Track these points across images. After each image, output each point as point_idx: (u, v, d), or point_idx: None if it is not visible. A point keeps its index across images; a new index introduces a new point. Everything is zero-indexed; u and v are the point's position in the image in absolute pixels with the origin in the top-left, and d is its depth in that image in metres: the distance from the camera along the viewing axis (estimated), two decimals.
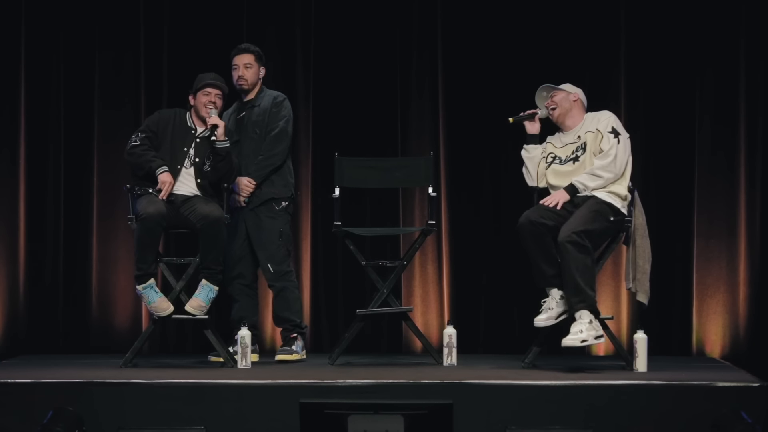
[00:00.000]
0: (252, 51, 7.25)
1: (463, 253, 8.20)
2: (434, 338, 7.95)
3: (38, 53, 8.13)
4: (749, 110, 8.06)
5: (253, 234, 7.21)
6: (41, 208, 8.13)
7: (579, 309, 6.49)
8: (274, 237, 7.18)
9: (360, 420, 5.34)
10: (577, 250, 6.47)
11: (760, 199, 8.03)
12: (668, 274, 8.04)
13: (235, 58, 7.24)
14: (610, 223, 6.64)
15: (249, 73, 7.22)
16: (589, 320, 6.49)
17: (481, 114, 8.17)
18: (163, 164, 6.82)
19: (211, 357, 7.10)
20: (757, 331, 7.98)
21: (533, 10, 8.16)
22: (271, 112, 7.21)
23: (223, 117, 7.18)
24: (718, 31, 8.08)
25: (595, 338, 6.50)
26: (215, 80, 6.98)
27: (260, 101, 7.26)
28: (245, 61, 7.21)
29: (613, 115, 6.80)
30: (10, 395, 6.06)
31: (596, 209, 6.61)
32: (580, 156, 6.75)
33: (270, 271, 7.19)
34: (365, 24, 8.23)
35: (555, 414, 5.96)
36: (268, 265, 7.19)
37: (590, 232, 6.54)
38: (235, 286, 7.27)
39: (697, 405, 5.96)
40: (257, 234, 7.20)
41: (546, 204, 6.67)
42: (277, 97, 7.26)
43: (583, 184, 6.66)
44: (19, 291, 8.05)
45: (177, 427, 5.92)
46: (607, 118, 6.75)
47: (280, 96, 7.28)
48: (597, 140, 6.71)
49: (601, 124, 6.73)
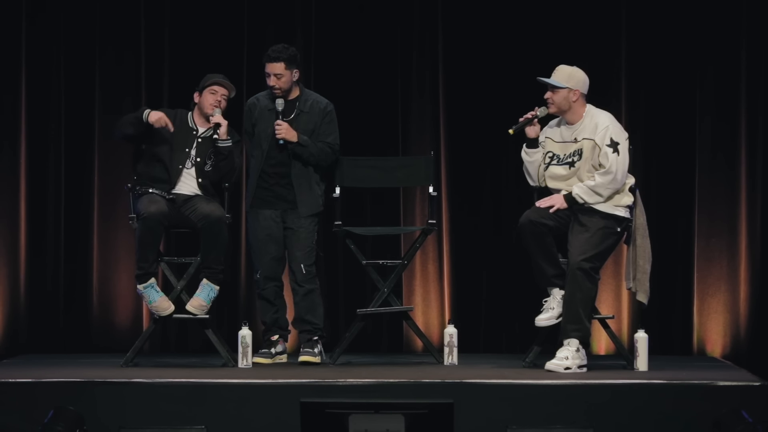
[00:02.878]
0: (282, 59, 6.94)
1: (464, 252, 8.20)
2: (435, 337, 7.95)
3: (39, 53, 8.12)
4: (750, 110, 8.06)
5: (291, 233, 7.02)
6: (42, 208, 8.13)
7: (572, 337, 6.50)
8: (311, 237, 7.03)
9: (361, 419, 5.34)
10: (586, 278, 6.48)
11: (761, 199, 8.03)
12: (669, 273, 8.04)
13: (266, 66, 6.99)
14: (617, 234, 6.63)
15: (281, 81, 6.96)
16: (577, 348, 6.49)
17: (481, 113, 8.17)
18: (145, 108, 6.84)
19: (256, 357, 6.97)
20: (758, 331, 7.98)
21: (534, 9, 8.16)
22: (323, 123, 7.04)
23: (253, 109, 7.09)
24: (719, 31, 8.08)
25: (579, 367, 6.49)
26: (224, 80, 6.98)
27: (305, 107, 7.05)
28: (276, 72, 6.94)
29: (611, 121, 6.65)
30: (11, 395, 6.06)
31: (603, 226, 6.56)
32: (575, 162, 6.68)
33: (302, 271, 6.99)
34: (366, 24, 8.23)
35: (556, 413, 5.96)
36: (301, 265, 7.00)
37: (601, 254, 6.56)
38: (271, 289, 7.06)
39: (698, 404, 5.96)
40: (294, 233, 7.01)
41: (541, 206, 6.65)
42: (326, 107, 7.08)
43: (583, 198, 6.58)
44: (20, 290, 8.05)
45: (178, 426, 5.91)
46: (605, 128, 6.59)
47: (329, 105, 7.10)
48: (595, 152, 6.59)
49: (598, 135, 6.58)
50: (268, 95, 7.09)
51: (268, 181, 7.04)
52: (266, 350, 7.05)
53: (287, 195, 7.02)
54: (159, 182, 6.89)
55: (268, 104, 7.07)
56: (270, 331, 7.08)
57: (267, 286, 7.05)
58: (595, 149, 6.60)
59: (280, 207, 7.04)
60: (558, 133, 6.78)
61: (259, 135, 7.07)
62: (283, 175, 7.03)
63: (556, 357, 6.49)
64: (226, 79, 7.00)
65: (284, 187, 7.02)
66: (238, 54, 8.18)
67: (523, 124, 6.75)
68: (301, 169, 7.02)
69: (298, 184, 7.01)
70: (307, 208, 7.02)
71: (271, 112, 7.03)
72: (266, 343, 7.08)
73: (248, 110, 7.17)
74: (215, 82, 6.96)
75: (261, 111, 7.09)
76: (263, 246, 7.04)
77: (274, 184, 7.03)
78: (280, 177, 7.03)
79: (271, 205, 7.05)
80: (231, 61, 8.10)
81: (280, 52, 6.95)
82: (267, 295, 7.06)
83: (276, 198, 7.04)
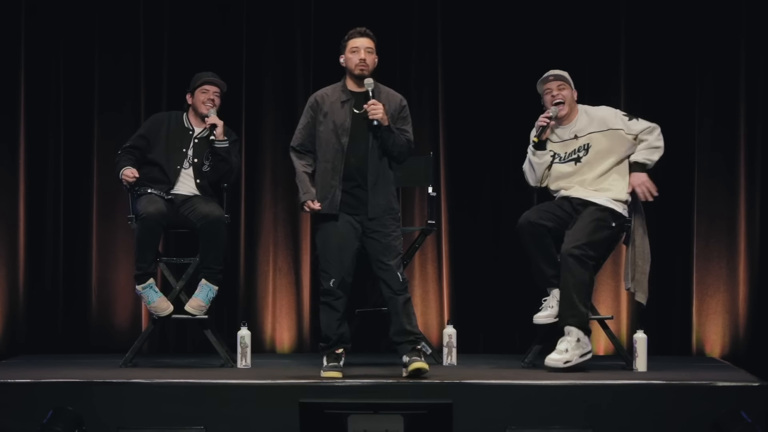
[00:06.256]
0: (372, 37, 6.51)
1: (463, 252, 8.20)
2: (434, 338, 7.95)
3: (38, 53, 8.12)
4: (749, 111, 8.06)
5: (378, 242, 6.39)
6: (41, 208, 8.13)
7: (569, 324, 6.50)
8: (400, 244, 6.49)
9: (360, 420, 5.34)
10: (578, 264, 6.47)
11: (760, 199, 8.03)
12: (668, 273, 8.04)
13: (354, 41, 6.46)
14: (611, 229, 6.64)
15: (371, 58, 6.46)
16: (577, 338, 6.48)
17: (481, 114, 8.17)
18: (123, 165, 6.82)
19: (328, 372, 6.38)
20: (757, 331, 7.98)
21: (533, 10, 8.16)
22: (398, 117, 6.48)
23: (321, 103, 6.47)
24: (718, 32, 8.08)
25: (581, 356, 6.49)
26: (213, 77, 6.97)
27: (380, 98, 6.44)
28: (367, 45, 6.45)
29: (611, 108, 6.81)
30: (10, 395, 6.06)
31: (597, 217, 6.60)
32: (582, 157, 6.73)
33: (399, 279, 6.40)
34: (365, 24, 8.20)
35: (555, 414, 5.96)
36: (398, 273, 6.41)
37: (593, 243, 6.55)
38: (342, 300, 6.43)
39: (697, 405, 5.96)
40: (383, 241, 6.40)
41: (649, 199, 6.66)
42: (401, 101, 6.53)
43: (650, 159, 6.68)
44: (19, 291, 8.05)
45: (177, 427, 5.91)
46: (614, 114, 6.73)
47: (403, 100, 6.56)
48: (619, 136, 6.67)
49: (610, 121, 6.70)
50: (335, 90, 6.52)
51: (347, 182, 6.40)
52: (335, 363, 6.39)
53: (365, 197, 6.40)
54: (158, 183, 6.89)
55: (340, 96, 6.47)
56: (335, 345, 6.43)
57: (339, 296, 6.41)
58: (615, 133, 6.67)
59: (360, 211, 6.41)
60: (555, 134, 6.84)
61: (334, 131, 6.41)
62: (361, 174, 6.40)
63: (555, 350, 6.49)
64: (215, 76, 6.98)
65: (362, 189, 6.40)
66: (237, 54, 8.18)
67: (545, 128, 6.75)
68: (379, 167, 6.42)
69: (375, 184, 6.40)
70: (379, 210, 6.42)
71: (345, 104, 6.44)
72: (332, 357, 6.41)
73: (315, 105, 6.51)
74: (204, 81, 6.95)
75: (332, 105, 6.46)
76: (339, 253, 6.39)
77: (354, 187, 6.40)
78: (359, 177, 6.40)
79: (350, 208, 6.41)
80: (230, 61, 8.10)
81: (368, 30, 6.54)
82: (338, 306, 6.42)
83: (356, 201, 6.40)
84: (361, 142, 6.39)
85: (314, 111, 6.49)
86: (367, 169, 6.39)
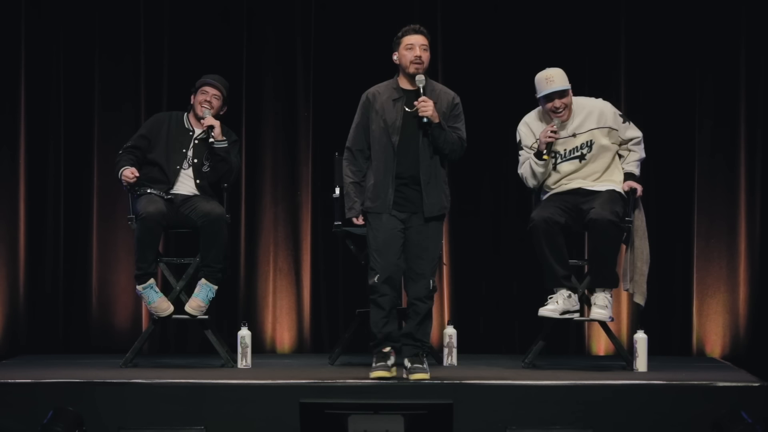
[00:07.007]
0: (426, 34, 6.35)
1: (463, 252, 8.20)
2: (434, 338, 7.93)
3: (38, 53, 8.12)
4: (749, 112, 8.06)
5: (419, 244, 6.29)
6: (41, 209, 8.13)
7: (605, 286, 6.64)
8: (439, 247, 6.43)
9: (360, 420, 5.34)
10: (614, 227, 6.55)
11: (760, 200, 8.03)
12: (668, 274, 8.05)
13: (410, 37, 6.32)
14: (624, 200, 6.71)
15: (426, 55, 6.31)
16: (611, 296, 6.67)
17: (481, 114, 8.14)
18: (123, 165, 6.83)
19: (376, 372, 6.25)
20: (757, 331, 7.99)
21: (533, 11, 8.16)
22: (451, 115, 6.36)
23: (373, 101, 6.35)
24: (719, 34, 8.09)
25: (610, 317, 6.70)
26: (214, 80, 6.97)
27: (432, 95, 6.31)
28: (422, 43, 6.30)
29: (607, 103, 6.81)
30: (10, 395, 6.06)
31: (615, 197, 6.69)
32: (586, 154, 6.73)
33: (430, 287, 6.30)
34: (365, 24, 8.23)
35: (555, 414, 5.97)
36: (430, 280, 6.30)
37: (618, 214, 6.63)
38: (389, 297, 6.29)
39: (697, 405, 5.97)
40: (423, 244, 6.30)
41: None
42: (454, 98, 6.40)
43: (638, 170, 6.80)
44: (20, 291, 8.05)
45: (177, 427, 5.92)
46: (612, 114, 6.75)
47: (456, 97, 6.42)
48: (612, 134, 6.73)
49: (609, 119, 6.73)
50: (387, 87, 6.40)
51: (397, 180, 6.29)
52: (383, 363, 6.27)
53: (416, 196, 6.29)
54: (157, 183, 6.89)
55: (392, 94, 6.35)
56: (382, 344, 6.31)
57: (385, 293, 6.27)
58: (611, 132, 6.72)
59: (407, 210, 6.31)
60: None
61: (385, 129, 6.31)
62: (413, 173, 6.29)
63: (596, 305, 6.63)
64: (220, 80, 6.98)
65: (413, 188, 6.30)
66: (237, 55, 8.19)
67: (551, 144, 6.72)
68: (431, 165, 6.31)
69: (428, 183, 6.29)
70: (435, 210, 6.31)
71: (396, 102, 6.33)
72: (380, 356, 6.29)
73: (367, 102, 6.40)
74: (203, 83, 6.96)
75: (384, 103, 6.35)
76: (387, 249, 6.27)
77: (406, 186, 6.30)
78: (409, 175, 6.30)
79: (402, 207, 6.31)
80: (231, 62, 8.10)
81: (422, 27, 6.40)
82: (383, 304, 6.29)
83: (407, 200, 6.30)
84: (412, 141, 6.28)
85: (366, 109, 6.39)
86: (419, 168, 6.29)
